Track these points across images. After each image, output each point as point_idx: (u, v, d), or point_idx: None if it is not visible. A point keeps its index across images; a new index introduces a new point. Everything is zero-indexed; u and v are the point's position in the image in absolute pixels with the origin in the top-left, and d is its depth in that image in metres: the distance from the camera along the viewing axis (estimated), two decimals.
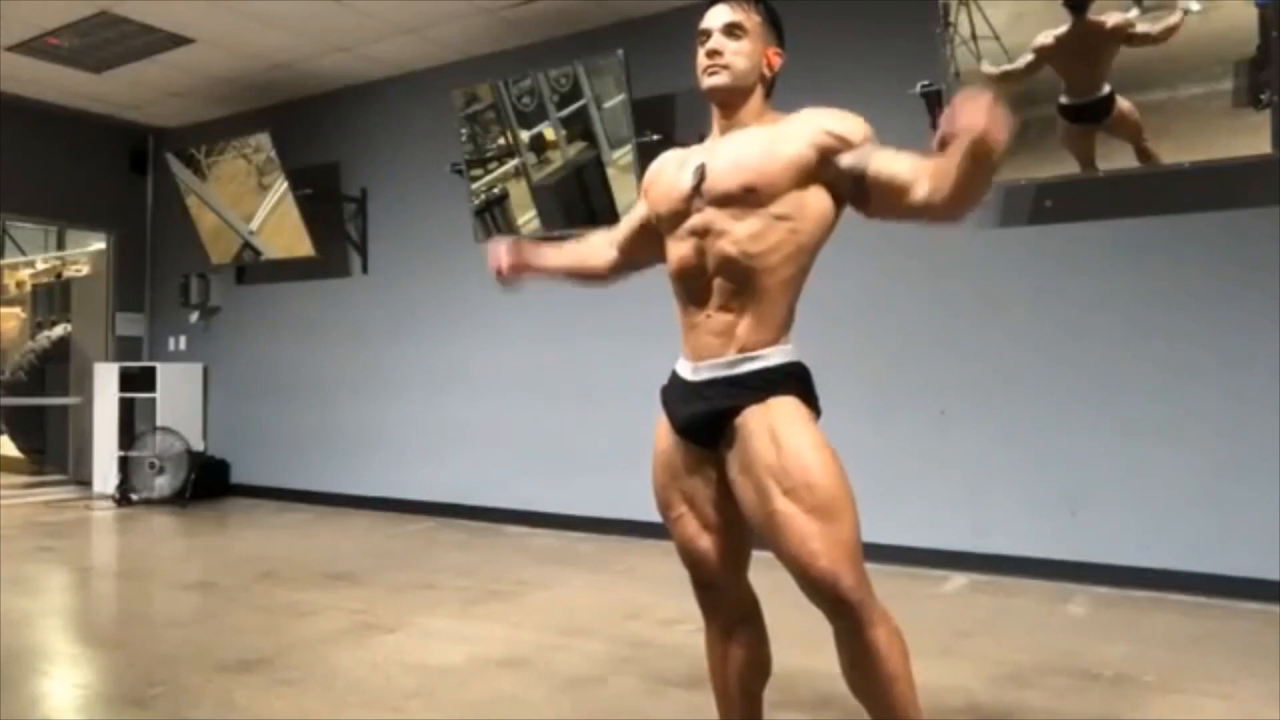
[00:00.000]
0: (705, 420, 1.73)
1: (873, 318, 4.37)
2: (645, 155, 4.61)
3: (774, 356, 1.71)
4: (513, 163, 5.13)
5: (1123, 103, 3.54)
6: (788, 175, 1.67)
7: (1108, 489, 3.84)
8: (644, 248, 1.96)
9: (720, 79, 1.73)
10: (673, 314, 1.93)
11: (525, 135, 5.04)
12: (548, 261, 2.06)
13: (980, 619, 3.40)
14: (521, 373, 5.46)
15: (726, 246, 1.69)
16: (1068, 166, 3.72)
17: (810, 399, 1.73)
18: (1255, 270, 3.59)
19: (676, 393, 1.81)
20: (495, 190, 5.23)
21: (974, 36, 3.69)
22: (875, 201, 1.66)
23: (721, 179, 1.70)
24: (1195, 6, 3.32)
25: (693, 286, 1.75)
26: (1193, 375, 3.70)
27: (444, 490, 5.73)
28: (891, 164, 1.62)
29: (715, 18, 1.76)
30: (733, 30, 1.74)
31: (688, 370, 1.78)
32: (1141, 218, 3.81)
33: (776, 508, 1.61)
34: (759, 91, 1.77)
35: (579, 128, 4.85)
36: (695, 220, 1.74)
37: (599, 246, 2.07)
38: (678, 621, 3.30)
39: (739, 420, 1.69)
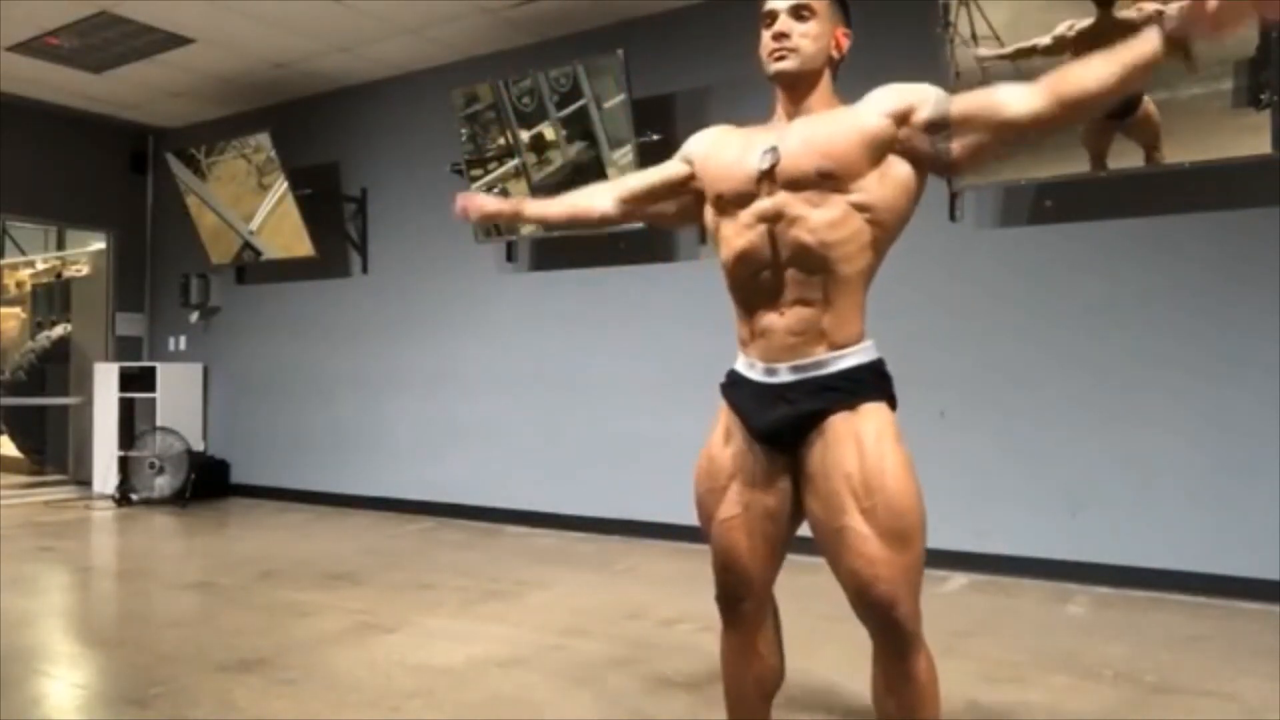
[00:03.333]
0: (792, 425, 1.64)
1: (872, 317, 4.34)
2: (645, 155, 4.61)
3: (860, 354, 1.65)
4: (513, 163, 5.13)
5: (1149, 104, 3.50)
6: (864, 153, 1.59)
7: (1108, 489, 3.84)
8: (657, 204, 1.90)
9: (788, 64, 1.64)
10: (672, 315, 1.92)
11: (525, 135, 5.04)
12: (530, 211, 2.03)
13: (980, 619, 3.40)
14: (521, 373, 5.46)
15: (803, 235, 1.60)
16: (1068, 166, 3.72)
17: (893, 398, 1.68)
18: (1255, 270, 3.59)
19: (751, 396, 1.70)
20: (495, 190, 5.23)
21: (974, 36, 3.69)
22: (961, 142, 1.56)
23: (796, 161, 1.61)
24: None
25: (760, 279, 1.65)
26: (1193, 375, 3.70)
27: (444, 490, 5.73)
28: (976, 94, 1.57)
29: None
30: (800, 11, 1.65)
31: (760, 372, 1.68)
32: (1142, 217, 3.81)
33: (848, 524, 1.57)
34: (827, 75, 1.69)
35: (579, 128, 4.85)
36: (765, 204, 1.64)
37: (596, 197, 1.97)
38: (678, 621, 3.30)
39: (824, 424, 1.62)
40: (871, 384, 1.65)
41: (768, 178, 1.64)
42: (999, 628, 3.29)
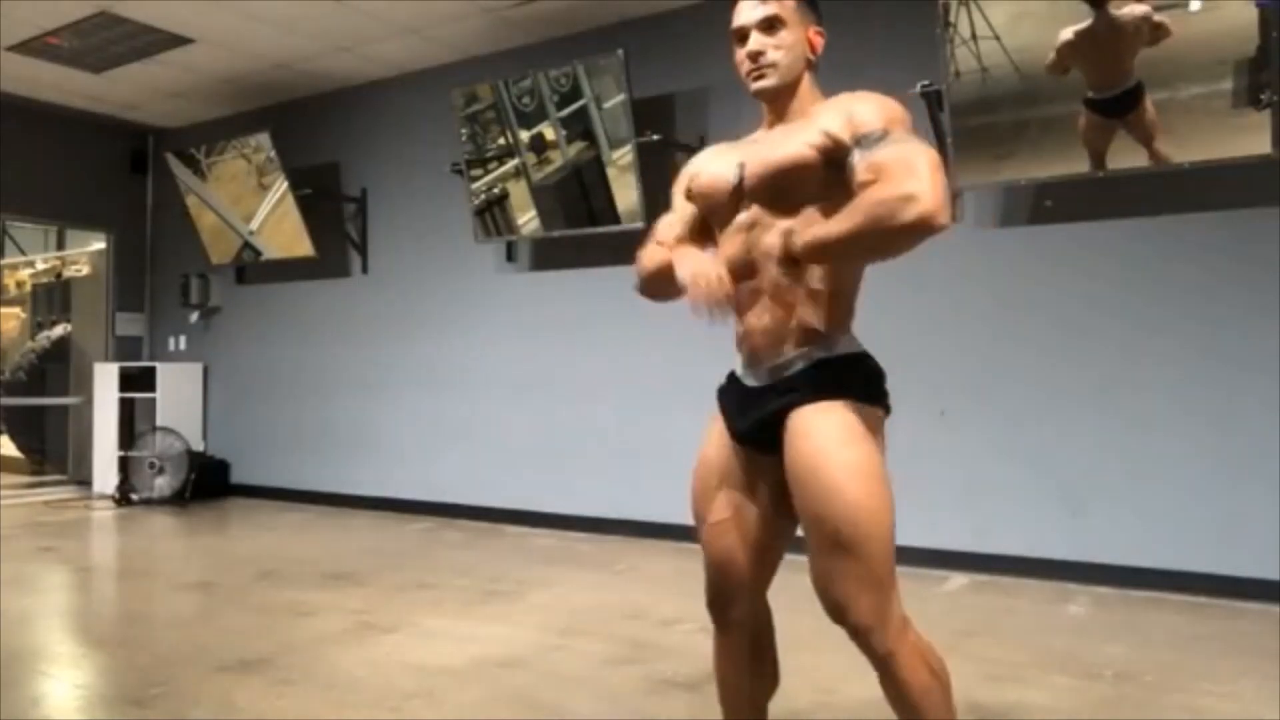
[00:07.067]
0: (760, 426, 1.66)
1: (872, 318, 4.32)
2: (645, 155, 4.62)
3: (828, 348, 1.64)
4: (513, 163, 5.13)
5: (1146, 100, 3.49)
6: (815, 165, 1.58)
7: (1108, 489, 3.84)
8: (702, 240, 1.85)
9: (767, 82, 1.65)
10: (672, 314, 1.92)
11: (525, 135, 5.04)
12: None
13: (980, 619, 3.40)
14: (521, 372, 5.46)
15: (774, 239, 1.63)
16: (1068, 166, 3.72)
17: (873, 394, 1.65)
18: (1255, 270, 3.58)
19: (735, 398, 1.73)
20: (495, 190, 5.23)
21: (974, 36, 3.69)
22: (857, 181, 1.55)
23: (753, 180, 1.65)
24: (1195, 6, 3.32)
25: (745, 284, 1.68)
26: (1192, 375, 3.70)
27: (444, 490, 5.73)
28: (889, 163, 1.48)
29: (749, 14, 1.66)
30: (770, 24, 1.64)
31: (744, 374, 1.72)
32: (1142, 217, 3.81)
33: (807, 527, 1.60)
34: (807, 78, 1.69)
35: (579, 128, 4.85)
36: (742, 217, 1.68)
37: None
38: (678, 621, 3.30)
39: (786, 424, 1.62)
40: (835, 381, 1.62)
41: (739, 192, 1.68)
42: (999, 628, 3.29)
